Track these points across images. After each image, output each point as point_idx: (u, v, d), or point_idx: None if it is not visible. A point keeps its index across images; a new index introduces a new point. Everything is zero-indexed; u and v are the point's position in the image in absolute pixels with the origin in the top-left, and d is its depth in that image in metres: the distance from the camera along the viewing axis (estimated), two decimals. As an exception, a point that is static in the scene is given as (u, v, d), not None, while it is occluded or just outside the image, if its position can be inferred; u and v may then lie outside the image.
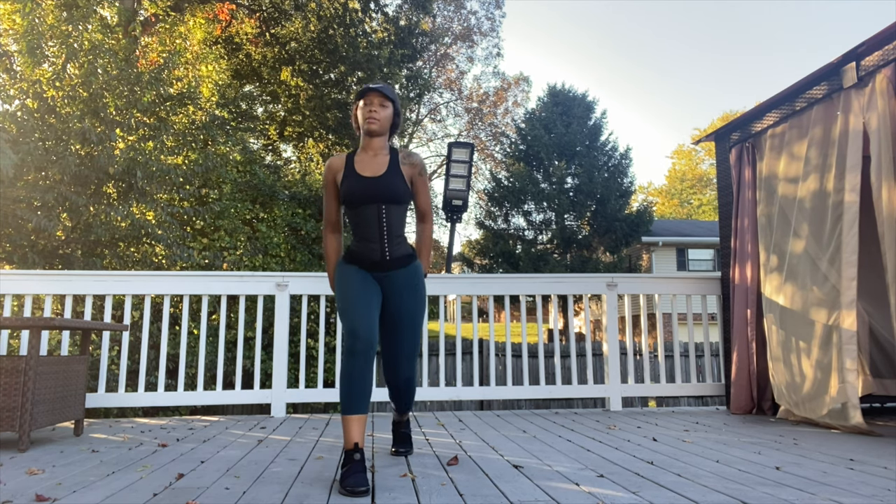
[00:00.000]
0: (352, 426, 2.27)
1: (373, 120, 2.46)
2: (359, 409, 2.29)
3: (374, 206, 2.44)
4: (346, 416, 2.30)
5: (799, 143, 3.83)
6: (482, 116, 30.35)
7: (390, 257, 2.48)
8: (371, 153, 2.52)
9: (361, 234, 2.48)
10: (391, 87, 2.54)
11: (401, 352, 2.56)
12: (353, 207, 2.47)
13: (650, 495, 2.00)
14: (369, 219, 2.45)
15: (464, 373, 10.55)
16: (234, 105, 12.24)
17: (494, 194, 22.40)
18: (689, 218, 40.90)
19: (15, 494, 2.02)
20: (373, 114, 2.46)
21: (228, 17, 14.26)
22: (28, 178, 6.32)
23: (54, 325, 2.87)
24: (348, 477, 2.08)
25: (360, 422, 2.29)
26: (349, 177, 2.48)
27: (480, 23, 28.36)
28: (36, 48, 6.60)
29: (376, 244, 2.46)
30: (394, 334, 2.54)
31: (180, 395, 4.24)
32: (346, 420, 2.29)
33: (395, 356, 2.57)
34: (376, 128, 2.47)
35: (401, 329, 2.53)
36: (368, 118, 2.46)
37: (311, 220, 10.10)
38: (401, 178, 2.49)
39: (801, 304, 3.70)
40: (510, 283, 4.64)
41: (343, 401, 2.30)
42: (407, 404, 2.72)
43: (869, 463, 2.52)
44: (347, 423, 2.29)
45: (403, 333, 2.53)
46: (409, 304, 2.51)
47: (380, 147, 2.52)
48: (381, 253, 2.47)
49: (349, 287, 2.42)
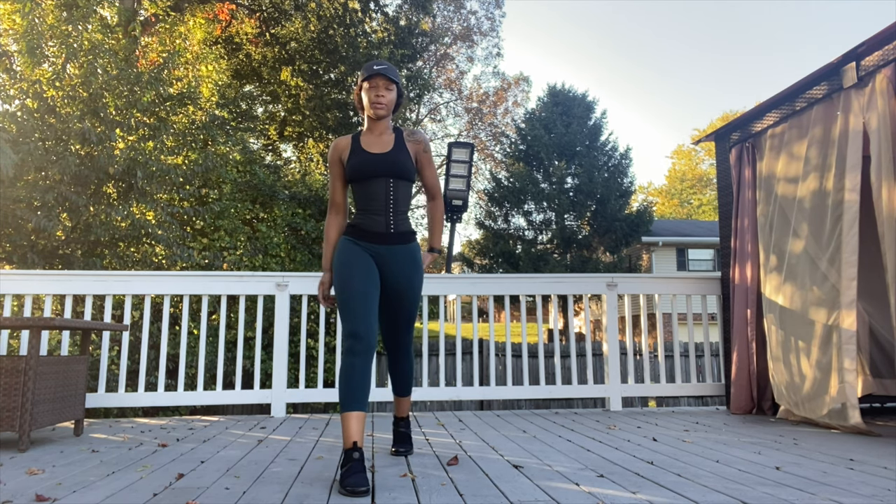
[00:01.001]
0: (351, 424, 2.25)
1: (380, 105, 2.49)
2: (358, 406, 2.27)
3: (383, 181, 2.49)
4: (345, 414, 2.27)
5: (799, 143, 3.83)
6: (482, 116, 30.35)
7: (395, 231, 2.51)
8: (377, 133, 2.56)
9: (367, 207, 2.51)
10: (394, 69, 2.55)
11: (402, 320, 2.63)
12: (360, 182, 2.50)
13: (650, 495, 2.00)
14: (377, 193, 2.49)
15: (464, 373, 10.55)
16: (234, 105, 12.24)
17: (494, 194, 22.39)
18: (689, 218, 40.90)
19: (15, 494, 2.02)
20: (380, 98, 2.48)
21: (228, 17, 14.26)
22: (28, 178, 6.32)
23: (54, 325, 2.87)
24: (348, 477, 2.07)
25: (359, 420, 2.27)
26: (356, 153, 2.51)
27: (480, 23, 28.36)
28: (36, 48, 6.60)
29: (382, 217, 2.50)
30: (396, 303, 2.60)
31: (180, 395, 4.24)
32: (346, 418, 2.27)
33: (397, 325, 2.64)
34: (384, 113, 2.51)
35: (403, 299, 2.58)
36: (375, 103, 2.48)
37: (311, 220, 10.10)
38: (407, 154, 2.54)
39: (801, 303, 3.70)
40: (510, 283, 4.64)
41: (342, 398, 2.29)
42: (408, 382, 2.76)
43: (869, 463, 2.52)
44: (347, 420, 2.26)
45: (403, 302, 2.59)
46: (412, 276, 2.56)
47: (385, 127, 2.57)
48: (385, 226, 2.50)
49: (350, 282, 2.40)
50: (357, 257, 2.47)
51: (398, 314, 2.62)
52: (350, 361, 2.29)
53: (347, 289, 2.40)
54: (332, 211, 2.64)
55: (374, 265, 2.51)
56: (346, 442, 2.23)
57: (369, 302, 2.39)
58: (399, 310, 2.61)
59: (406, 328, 2.67)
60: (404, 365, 2.74)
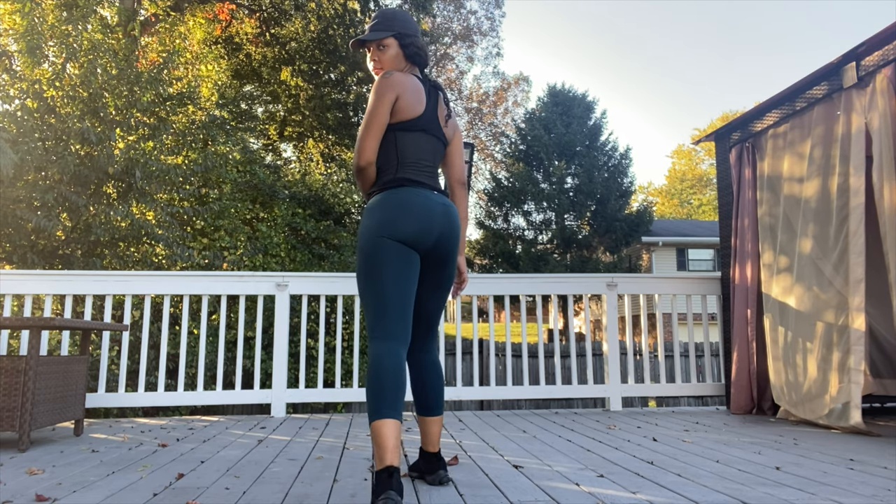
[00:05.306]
0: (386, 437, 1.79)
1: (377, 71, 2.26)
2: (393, 412, 1.83)
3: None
4: (377, 423, 1.81)
5: (800, 143, 3.83)
6: (482, 116, 30.36)
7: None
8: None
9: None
10: (384, 20, 2.23)
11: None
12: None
13: (650, 495, 2.00)
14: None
15: (464, 373, 10.55)
16: (234, 105, 12.24)
17: (494, 194, 22.40)
18: (689, 218, 40.90)
19: (15, 494, 2.02)
20: (375, 64, 2.26)
21: (228, 17, 14.26)
22: (28, 178, 6.32)
23: (54, 325, 2.87)
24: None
25: (395, 430, 1.81)
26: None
27: (480, 23, 28.37)
28: (36, 48, 6.61)
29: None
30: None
31: (180, 395, 4.24)
32: (378, 428, 1.80)
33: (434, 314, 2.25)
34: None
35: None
36: (374, 71, 2.27)
37: (311, 220, 10.10)
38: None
39: (802, 303, 3.70)
40: (510, 283, 4.64)
41: (374, 402, 1.85)
42: (442, 393, 2.26)
43: (869, 463, 2.52)
44: (379, 432, 1.80)
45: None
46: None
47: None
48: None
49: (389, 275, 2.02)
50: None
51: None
52: (383, 360, 1.93)
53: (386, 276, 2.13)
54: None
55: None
56: (380, 461, 1.77)
57: (411, 297, 2.13)
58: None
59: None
60: (441, 382, 2.40)
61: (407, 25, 2.25)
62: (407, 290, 2.01)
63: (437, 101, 2.22)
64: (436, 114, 2.20)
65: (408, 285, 2.01)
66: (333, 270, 9.74)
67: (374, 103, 2.09)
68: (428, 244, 2.06)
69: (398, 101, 2.10)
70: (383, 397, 1.85)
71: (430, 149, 2.18)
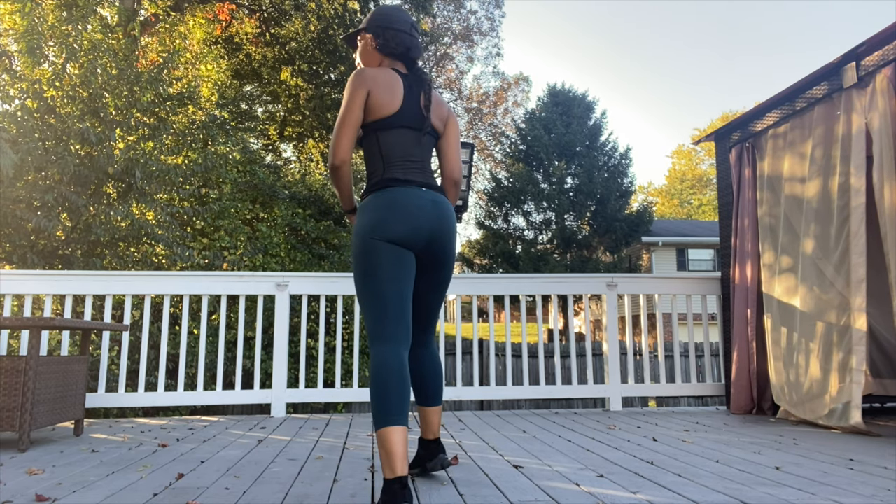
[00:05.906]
0: (395, 444, 1.74)
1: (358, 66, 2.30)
2: (401, 418, 1.80)
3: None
4: (385, 431, 1.78)
5: (800, 143, 3.83)
6: (482, 116, 30.36)
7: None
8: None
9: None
10: (367, 17, 2.28)
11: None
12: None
13: (650, 495, 2.00)
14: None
15: (464, 373, 10.55)
16: (234, 105, 12.24)
17: (494, 194, 22.41)
18: (689, 218, 40.91)
19: (15, 494, 2.02)
20: (356, 60, 2.31)
21: (228, 17, 14.26)
22: (28, 178, 6.32)
23: (54, 325, 2.87)
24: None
25: (404, 437, 1.77)
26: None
27: (480, 23, 28.36)
28: (36, 48, 6.60)
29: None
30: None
31: (180, 396, 4.24)
32: (387, 436, 1.77)
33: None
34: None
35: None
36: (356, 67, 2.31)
37: (311, 220, 10.10)
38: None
39: (803, 304, 3.70)
40: (510, 283, 4.64)
41: (380, 408, 1.81)
42: (441, 384, 2.31)
43: (869, 463, 2.52)
44: (388, 439, 1.76)
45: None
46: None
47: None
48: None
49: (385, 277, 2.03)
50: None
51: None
52: (385, 363, 1.91)
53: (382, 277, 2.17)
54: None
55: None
56: (389, 471, 1.73)
57: (408, 298, 2.16)
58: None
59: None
60: (440, 373, 2.43)
61: (385, 19, 2.23)
62: (404, 290, 2.00)
63: (419, 95, 2.19)
64: (419, 107, 2.16)
65: (404, 285, 2.00)
66: (333, 270, 9.74)
67: (346, 100, 2.08)
68: (420, 242, 2.05)
69: (371, 98, 2.08)
70: (390, 403, 1.81)
71: (417, 144, 2.15)
